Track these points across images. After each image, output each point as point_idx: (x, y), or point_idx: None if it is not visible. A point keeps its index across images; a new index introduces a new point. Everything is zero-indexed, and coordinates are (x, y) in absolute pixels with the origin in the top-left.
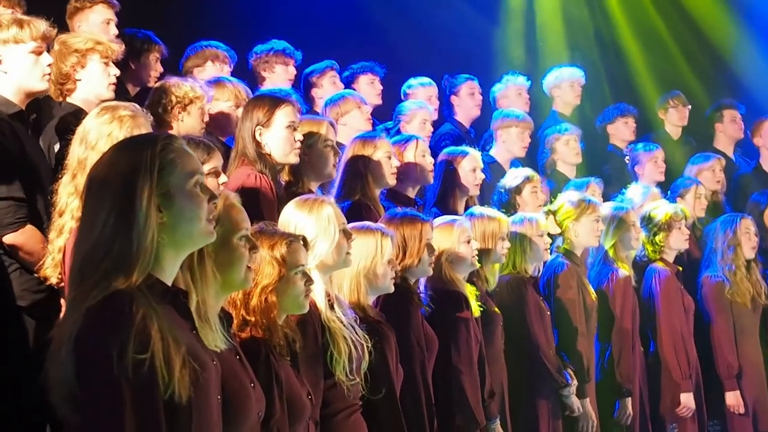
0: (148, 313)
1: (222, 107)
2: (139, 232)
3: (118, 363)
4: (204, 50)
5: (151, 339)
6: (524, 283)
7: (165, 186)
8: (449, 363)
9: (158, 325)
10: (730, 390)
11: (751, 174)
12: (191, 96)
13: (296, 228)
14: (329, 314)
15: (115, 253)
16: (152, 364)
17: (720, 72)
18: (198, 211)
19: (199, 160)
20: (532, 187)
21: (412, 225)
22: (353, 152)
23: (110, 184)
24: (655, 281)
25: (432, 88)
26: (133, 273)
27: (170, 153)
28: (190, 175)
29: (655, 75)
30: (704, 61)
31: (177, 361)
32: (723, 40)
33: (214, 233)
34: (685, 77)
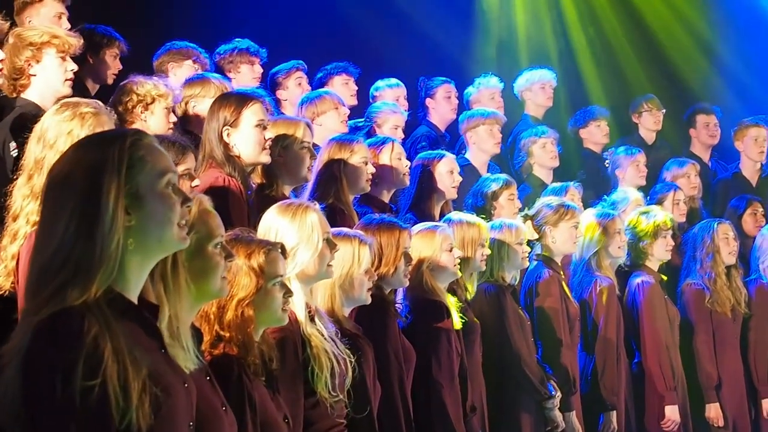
0: (102, 332)
1: (207, 104)
2: (104, 236)
3: (63, 390)
4: (187, 50)
5: (103, 362)
6: (503, 291)
7: (134, 186)
8: (429, 377)
9: (113, 346)
10: (710, 402)
11: (730, 179)
12: (154, 94)
13: (277, 235)
14: (310, 328)
15: (75, 259)
16: (104, 391)
17: (697, 76)
18: (170, 214)
19: (171, 159)
20: (510, 194)
21: (390, 232)
22: (329, 155)
23: (72, 183)
24: (639, 290)
25: (400, 89)
26: (92, 284)
27: (140, 150)
28: (161, 175)
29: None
30: (680, 65)
31: (136, 386)
32: (699, 43)
33: (186, 239)
34: (661, 81)
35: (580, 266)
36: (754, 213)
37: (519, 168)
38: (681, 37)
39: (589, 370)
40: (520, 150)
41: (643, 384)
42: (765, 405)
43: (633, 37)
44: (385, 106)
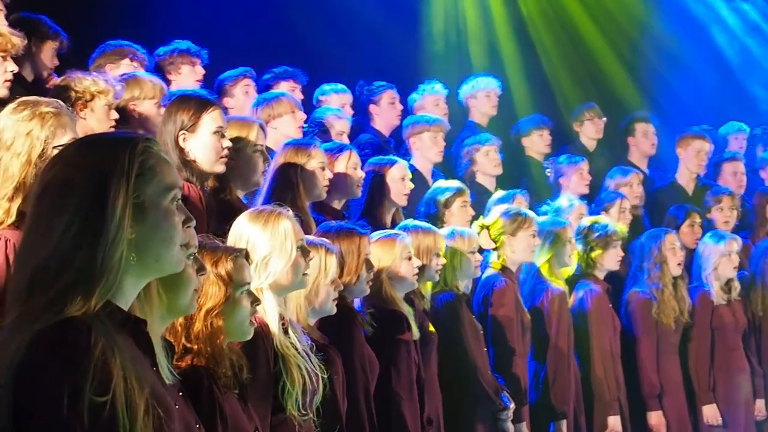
0: (109, 346)
1: (147, 105)
2: (107, 246)
3: (71, 407)
4: (123, 48)
5: (112, 378)
6: (458, 300)
7: (140, 196)
8: (389, 388)
9: (120, 362)
10: (653, 410)
11: (666, 188)
12: (93, 90)
13: (249, 242)
14: (283, 340)
15: (75, 268)
16: (113, 408)
17: (636, 84)
18: (172, 232)
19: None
20: (462, 201)
21: (350, 239)
22: (285, 159)
23: (76, 186)
24: (586, 299)
25: (346, 95)
26: (92, 295)
27: (151, 158)
28: (168, 189)
29: (574, 86)
30: (623, 74)
31: (140, 405)
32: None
33: (183, 263)
34: (603, 88)
35: (530, 274)
36: (692, 225)
37: (462, 175)
38: (612, 46)
39: (540, 378)
40: (463, 157)
41: (586, 392)
42: (705, 412)
43: (565, 47)
44: (330, 112)
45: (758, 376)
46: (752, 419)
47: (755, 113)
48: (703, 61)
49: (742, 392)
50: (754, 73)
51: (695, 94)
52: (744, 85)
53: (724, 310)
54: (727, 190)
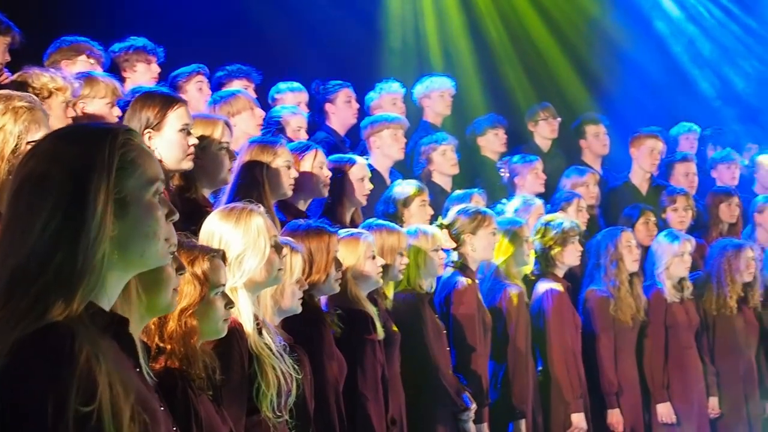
0: (93, 353)
1: (98, 105)
2: (89, 245)
3: (56, 418)
4: (79, 44)
5: (98, 386)
6: (421, 300)
7: (121, 191)
8: (354, 389)
9: (105, 368)
10: (611, 408)
11: (620, 187)
12: (51, 87)
13: (221, 241)
14: (258, 340)
15: (55, 268)
16: (99, 417)
17: (592, 84)
18: (156, 227)
19: (159, 165)
20: (421, 200)
21: (319, 238)
22: (250, 157)
23: (53, 181)
24: (546, 297)
25: (302, 94)
26: (74, 297)
27: (132, 151)
28: (150, 182)
29: (528, 86)
30: (576, 73)
31: (126, 412)
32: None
33: (169, 256)
34: (556, 89)
35: (489, 274)
36: (647, 222)
37: (418, 175)
38: (564, 47)
39: (498, 378)
40: (419, 156)
41: (547, 391)
42: (659, 410)
43: (517, 47)
44: (285, 109)
45: (711, 374)
46: (706, 417)
47: (705, 114)
48: (655, 61)
49: (695, 390)
50: (704, 74)
51: (646, 95)
52: (694, 85)
53: (677, 309)
54: (682, 190)
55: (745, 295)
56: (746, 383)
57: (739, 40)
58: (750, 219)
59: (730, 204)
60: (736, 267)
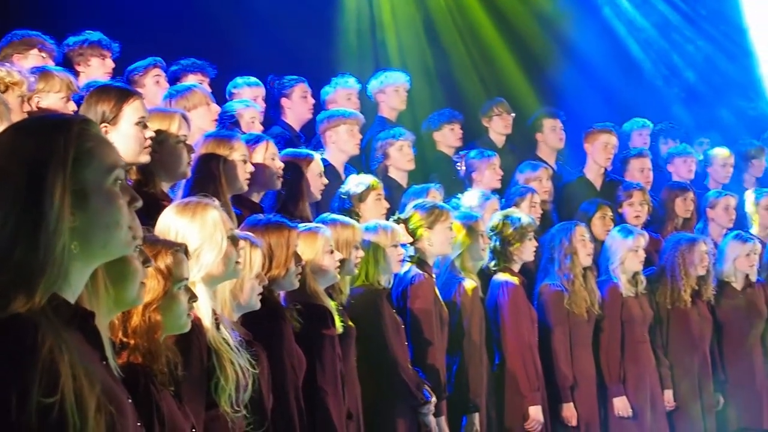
0: (56, 344)
1: (53, 99)
2: (48, 238)
3: (20, 409)
4: (31, 38)
5: (60, 377)
6: (379, 295)
7: (79, 182)
8: (314, 383)
9: (69, 359)
10: (566, 401)
11: (575, 182)
12: (7, 81)
13: (177, 236)
14: (216, 335)
15: (16, 263)
16: (62, 410)
17: (543, 80)
18: (118, 216)
19: (118, 152)
20: (376, 195)
21: (279, 232)
22: (206, 151)
23: (9, 176)
24: (503, 292)
25: (259, 88)
26: (36, 290)
27: (88, 141)
28: (109, 170)
29: (481, 82)
30: (528, 69)
31: (91, 403)
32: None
33: (132, 245)
34: (509, 84)
35: (444, 268)
36: (603, 216)
37: (374, 169)
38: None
39: (452, 371)
40: (375, 152)
41: (503, 385)
42: (616, 403)
43: (472, 43)
44: (237, 103)
45: (665, 367)
46: (662, 410)
47: (658, 109)
48: (607, 57)
49: (649, 384)
50: (657, 69)
51: (598, 91)
52: (648, 82)
53: (632, 303)
54: (638, 185)
55: (699, 288)
56: (701, 376)
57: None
58: (702, 214)
59: (685, 199)
60: (690, 261)
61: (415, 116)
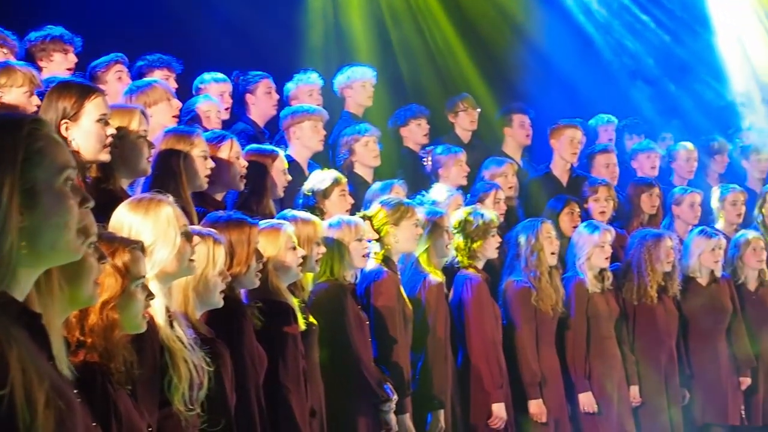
0: (5, 338)
1: (16, 94)
2: None
3: None
4: None
5: (10, 370)
6: (343, 291)
7: (29, 181)
8: (276, 380)
9: (17, 353)
10: (533, 398)
11: (541, 178)
12: None
13: (131, 232)
14: (169, 333)
15: None
16: (12, 402)
17: (508, 76)
18: (67, 216)
19: (69, 152)
20: (341, 191)
21: (240, 229)
22: (166, 147)
23: None
24: (467, 288)
25: (226, 84)
26: None
27: (38, 141)
28: (60, 170)
29: (446, 77)
30: (493, 65)
31: (40, 398)
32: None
33: (82, 249)
34: (474, 80)
35: (409, 264)
36: (571, 212)
37: (340, 165)
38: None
39: (417, 368)
40: (341, 147)
41: (467, 382)
42: (581, 399)
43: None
44: (198, 99)
45: (631, 363)
46: (627, 406)
47: (624, 105)
48: (572, 53)
49: (615, 379)
50: (622, 65)
51: (563, 87)
52: (613, 77)
53: (598, 299)
54: (603, 181)
55: (664, 284)
56: (667, 371)
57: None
58: (668, 210)
59: (651, 194)
60: (656, 256)
61: (381, 112)
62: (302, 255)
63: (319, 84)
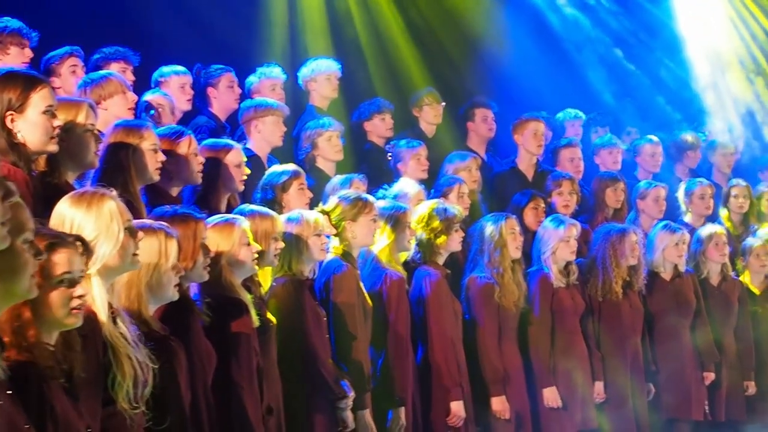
0: None
1: None
2: None
3: None
4: None
5: None
6: (301, 286)
7: None
8: (229, 378)
9: None
10: (496, 395)
11: (507, 173)
12: None
13: (73, 227)
14: (113, 329)
15: None
16: None
17: (474, 69)
18: None
19: None
20: (299, 185)
21: (185, 224)
22: (115, 140)
23: None
24: (426, 284)
25: (186, 77)
26: None
27: None
28: None
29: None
30: (459, 58)
31: None
32: (478, 37)
33: (7, 240)
34: (440, 74)
35: (369, 259)
36: (536, 207)
37: (302, 159)
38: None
39: (378, 365)
40: (303, 141)
41: (428, 379)
42: (546, 394)
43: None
44: (152, 93)
45: (596, 359)
46: (591, 402)
47: (592, 100)
48: (540, 48)
49: (580, 375)
50: (588, 61)
51: (532, 82)
52: (580, 72)
53: (563, 294)
54: (566, 175)
55: (630, 279)
56: (632, 367)
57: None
58: (633, 205)
59: (615, 189)
60: (621, 251)
61: (346, 105)
62: (257, 250)
63: (282, 78)
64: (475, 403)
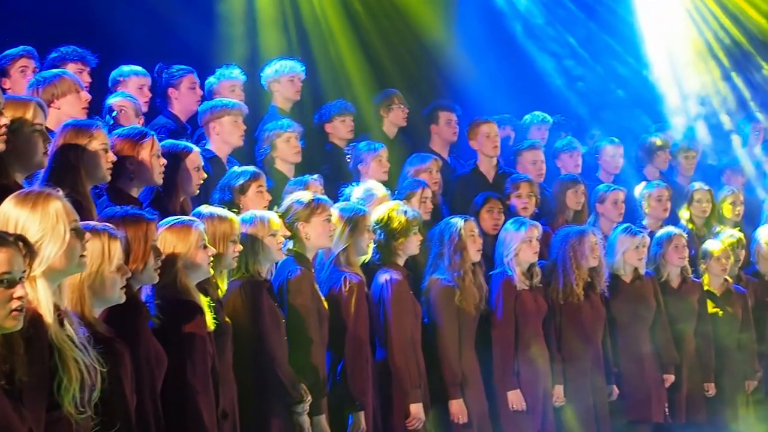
0: None
1: None
2: None
3: None
4: None
5: None
6: (259, 287)
7: None
8: (183, 381)
9: None
10: (454, 398)
11: (468, 175)
12: None
13: (17, 227)
14: (59, 332)
15: None
16: None
17: (436, 72)
18: None
19: None
20: (258, 186)
21: (136, 225)
22: (65, 140)
23: None
24: (386, 286)
25: (146, 78)
26: None
27: None
28: None
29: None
30: (421, 61)
31: None
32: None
33: None
34: (400, 76)
35: (328, 261)
36: (491, 210)
37: (261, 160)
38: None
39: (337, 369)
40: (262, 142)
41: (386, 381)
42: (510, 397)
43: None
44: (115, 96)
45: (557, 362)
46: (551, 405)
47: (557, 104)
48: (505, 52)
49: (541, 379)
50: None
51: (496, 86)
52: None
53: (526, 296)
54: (525, 177)
55: (591, 280)
56: (593, 370)
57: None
58: (592, 208)
59: (576, 191)
60: (581, 253)
61: (308, 107)
62: (214, 253)
63: (241, 79)
64: (432, 406)
